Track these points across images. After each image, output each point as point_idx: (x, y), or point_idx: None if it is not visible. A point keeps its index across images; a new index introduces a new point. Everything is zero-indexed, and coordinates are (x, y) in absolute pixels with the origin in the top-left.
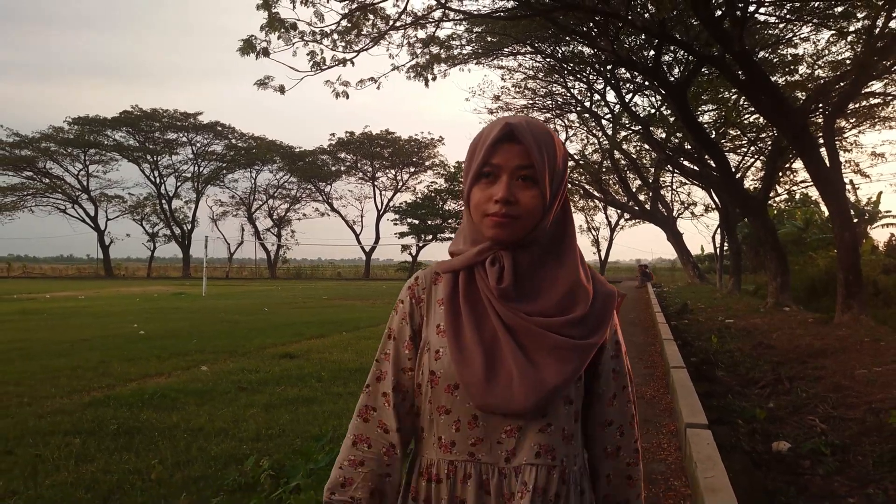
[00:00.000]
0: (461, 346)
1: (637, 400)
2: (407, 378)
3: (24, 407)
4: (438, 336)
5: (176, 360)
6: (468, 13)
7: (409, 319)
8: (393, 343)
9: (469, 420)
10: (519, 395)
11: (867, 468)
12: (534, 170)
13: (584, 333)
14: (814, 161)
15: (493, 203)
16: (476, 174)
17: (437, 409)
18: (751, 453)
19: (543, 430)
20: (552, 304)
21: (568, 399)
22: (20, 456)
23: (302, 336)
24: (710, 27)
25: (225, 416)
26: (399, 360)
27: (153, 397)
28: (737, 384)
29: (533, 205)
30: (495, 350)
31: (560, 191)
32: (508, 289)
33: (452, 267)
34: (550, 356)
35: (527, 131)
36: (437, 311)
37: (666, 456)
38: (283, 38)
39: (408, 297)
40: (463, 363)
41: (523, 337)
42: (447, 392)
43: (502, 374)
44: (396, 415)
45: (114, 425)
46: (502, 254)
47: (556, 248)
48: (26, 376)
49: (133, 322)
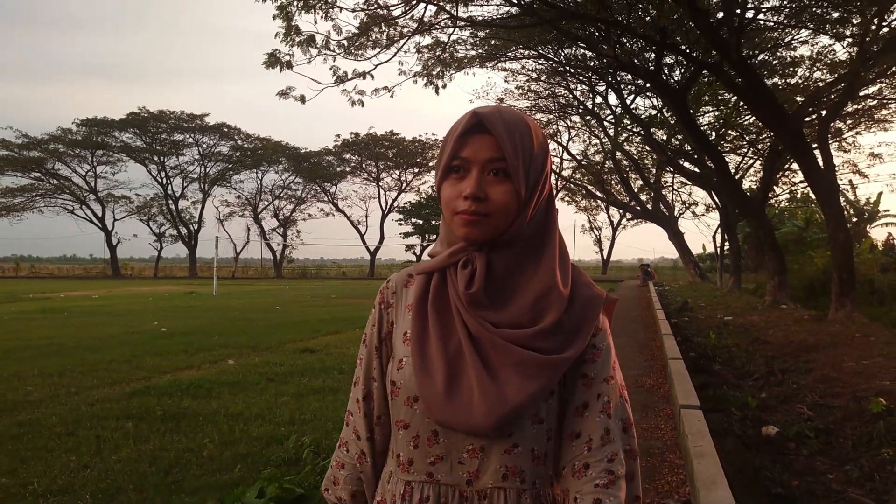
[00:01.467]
0: (424, 356)
1: (637, 389)
2: (376, 387)
3: (73, 396)
4: (404, 344)
5: (203, 355)
6: (476, 21)
7: (378, 326)
8: (365, 349)
9: (428, 436)
10: (479, 413)
11: (847, 449)
12: (505, 163)
13: (555, 346)
14: (809, 164)
15: (462, 200)
16: (445, 168)
17: (396, 423)
18: (742, 437)
19: (509, 451)
20: (523, 312)
21: (537, 417)
22: (82, 437)
23: (318, 332)
24: (708, 35)
25: (259, 404)
26: (369, 368)
27: (189, 387)
28: (732, 377)
29: (505, 201)
30: (459, 362)
31: (538, 185)
32: (478, 294)
33: (426, 269)
34: (515, 372)
35: (497, 120)
36: (406, 317)
37: (662, 434)
38: (302, 49)
39: (378, 302)
40: (424, 374)
41: (488, 350)
42: (406, 405)
43: (463, 389)
44: (367, 424)
45: (160, 411)
46: (476, 255)
47: (536, 249)
48: (67, 369)
49: (153, 320)
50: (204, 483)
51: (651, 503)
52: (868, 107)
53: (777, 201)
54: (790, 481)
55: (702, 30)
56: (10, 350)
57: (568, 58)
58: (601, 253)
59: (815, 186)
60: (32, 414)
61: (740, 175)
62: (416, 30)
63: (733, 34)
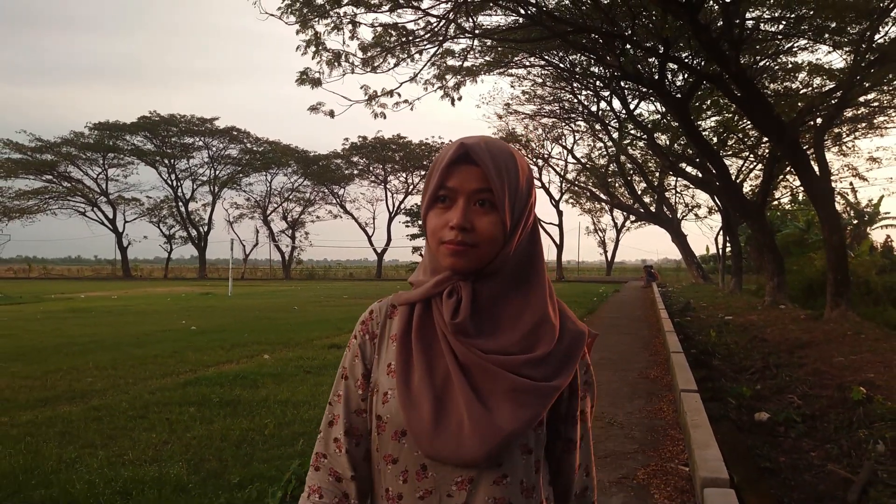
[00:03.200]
0: (409, 388)
1: (642, 379)
2: (360, 421)
3: (132, 386)
4: (389, 377)
5: (239, 350)
6: (486, 30)
7: (362, 356)
8: (345, 383)
9: (417, 470)
10: (469, 442)
11: (829, 432)
12: (491, 194)
13: (546, 374)
14: (805, 170)
15: (448, 229)
16: (432, 198)
17: (384, 458)
18: (737, 422)
19: (498, 482)
20: (514, 342)
21: (526, 448)
22: (153, 419)
23: (341, 330)
24: (709, 49)
25: (303, 392)
26: (351, 402)
27: (236, 379)
28: (730, 371)
29: (491, 232)
30: (446, 392)
31: (523, 216)
32: (464, 323)
33: (409, 299)
34: (506, 399)
35: (484, 152)
36: (390, 349)
37: (665, 416)
38: (329, 65)
39: (360, 332)
40: (410, 407)
41: (478, 377)
42: (394, 439)
43: (452, 419)
44: (350, 461)
45: (216, 399)
46: (462, 285)
47: (521, 279)
48: (118, 363)
49: (179, 319)
50: (273, 454)
51: (657, 466)
52: (865, 113)
53: (779, 203)
54: (778, 458)
55: (703, 43)
56: (59, 346)
57: (573, 63)
58: (605, 254)
59: (810, 192)
60: (102, 400)
61: (741, 179)
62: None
63: (733, 47)
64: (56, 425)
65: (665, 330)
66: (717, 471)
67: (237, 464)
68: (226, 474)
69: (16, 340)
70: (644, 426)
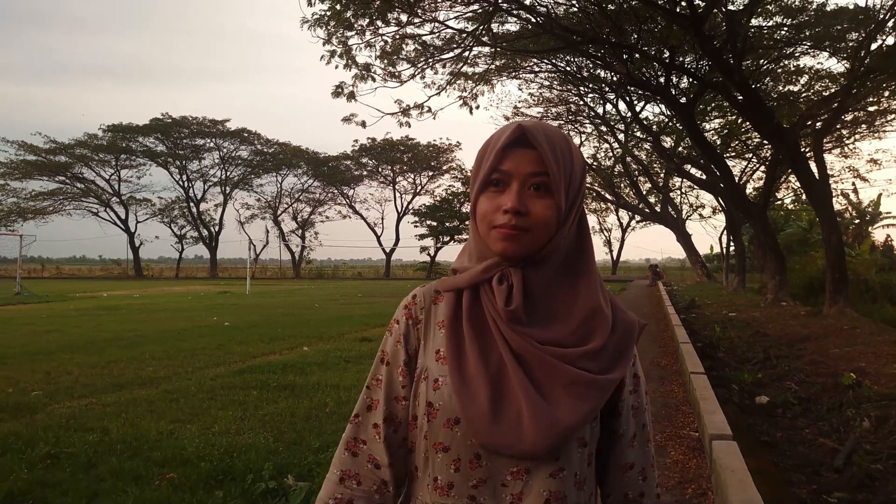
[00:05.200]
0: (464, 376)
1: (654, 367)
2: (400, 408)
3: (192, 374)
4: (438, 363)
5: (279, 343)
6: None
7: (405, 342)
8: (386, 368)
9: (471, 459)
10: (529, 434)
11: (822, 412)
12: (548, 178)
13: (602, 367)
14: (804, 173)
15: (501, 213)
16: (484, 182)
17: (433, 446)
18: (739, 404)
19: (555, 475)
20: (568, 332)
21: (582, 441)
22: (223, 401)
23: (368, 325)
24: (713, 59)
25: (349, 377)
26: (392, 388)
27: (284, 367)
28: (734, 362)
29: (546, 217)
30: (502, 381)
31: (577, 202)
32: (518, 311)
33: (456, 285)
34: (565, 392)
35: (541, 135)
36: (437, 335)
37: (676, 395)
38: (360, 79)
39: (404, 317)
40: (466, 395)
41: (535, 368)
42: (446, 427)
43: (510, 410)
44: (388, 449)
45: (273, 384)
46: (511, 271)
47: (573, 267)
48: (170, 355)
49: (209, 316)
50: (340, 426)
51: (672, 433)
52: (864, 117)
53: (782, 203)
54: (775, 434)
55: (707, 54)
56: (108, 340)
57: (579, 66)
58: (611, 254)
59: (810, 194)
60: (171, 385)
61: (744, 181)
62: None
63: (736, 57)
64: (141, 405)
65: (673, 324)
66: (723, 428)
67: (311, 433)
68: (305, 441)
69: (65, 336)
70: (658, 403)
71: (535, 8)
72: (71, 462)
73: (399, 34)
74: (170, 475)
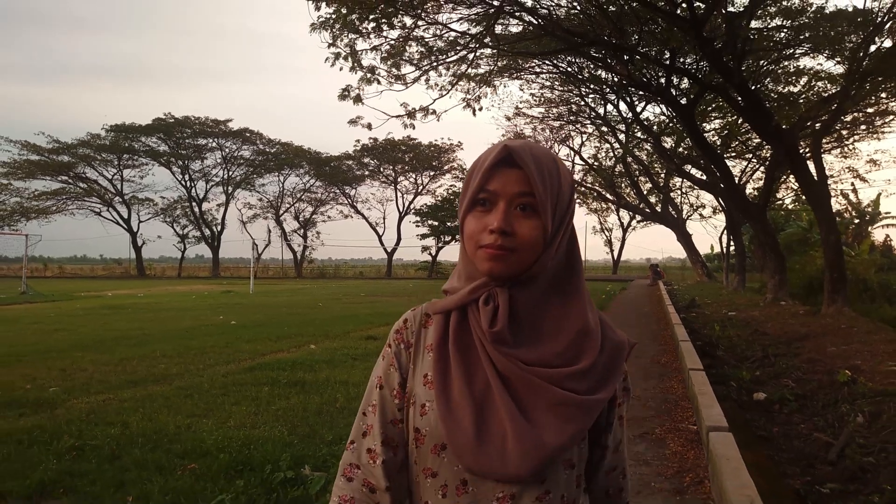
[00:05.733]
0: (449, 400)
1: (654, 364)
2: (397, 431)
3: (203, 371)
4: (426, 388)
5: (286, 342)
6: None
7: (398, 365)
8: (379, 392)
9: (457, 485)
10: (514, 457)
11: (817, 408)
12: (534, 198)
13: (590, 387)
14: (803, 174)
15: (487, 233)
16: (471, 201)
17: (422, 472)
18: (737, 401)
19: (541, 498)
20: (556, 353)
21: (570, 463)
22: (236, 397)
23: (372, 324)
24: (712, 61)
25: (357, 374)
26: (387, 412)
27: (293, 364)
28: (733, 360)
29: (532, 237)
30: (487, 404)
31: (564, 222)
32: (503, 332)
33: (444, 307)
34: (551, 413)
35: (527, 155)
36: (426, 359)
37: (675, 391)
38: (365, 82)
39: (395, 341)
40: (451, 420)
41: (520, 389)
42: (433, 453)
43: (495, 433)
44: (385, 472)
45: (283, 380)
46: (497, 291)
47: (561, 287)
48: (180, 352)
49: (215, 315)
50: (350, 421)
51: (671, 426)
52: (862, 118)
53: (782, 203)
54: (772, 429)
55: (707, 57)
56: (117, 338)
57: (580, 66)
58: (611, 253)
59: (809, 195)
60: (184, 382)
61: (744, 181)
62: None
63: (736, 60)
64: (156, 400)
65: (673, 323)
66: (719, 421)
67: (324, 427)
68: (318, 434)
69: (74, 334)
70: (658, 398)
71: (537, 10)
72: (95, 454)
73: (402, 37)
74: (191, 466)
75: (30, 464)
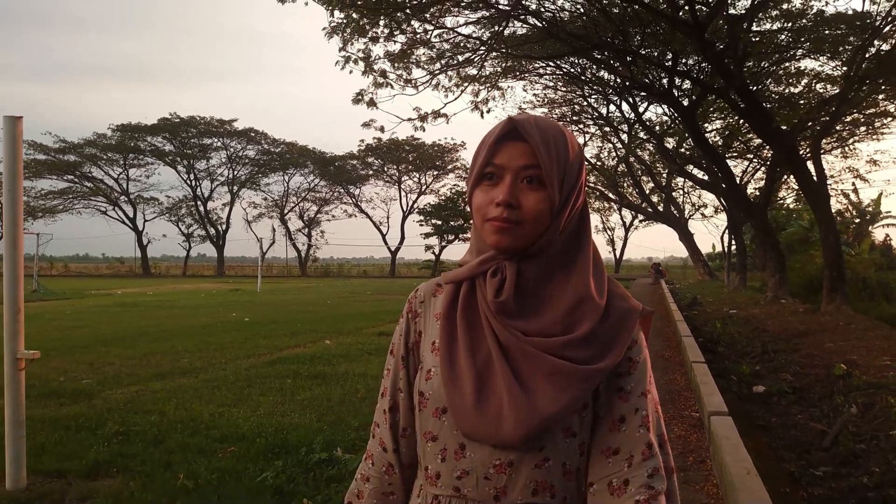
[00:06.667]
0: (453, 367)
1: (658, 358)
2: (402, 398)
3: (226, 364)
4: (433, 354)
5: (302, 337)
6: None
7: (405, 336)
8: (392, 359)
9: (455, 449)
10: (508, 424)
11: (814, 400)
12: (539, 171)
13: (589, 356)
14: (803, 175)
15: (494, 206)
16: (478, 175)
17: (423, 435)
18: (737, 393)
19: (540, 465)
20: (555, 322)
21: (570, 431)
22: (262, 388)
23: (383, 321)
24: (714, 64)
25: (374, 368)
26: (396, 379)
27: (312, 358)
28: (733, 356)
29: (538, 209)
30: (488, 372)
31: (573, 195)
32: (507, 303)
33: (455, 278)
34: (546, 382)
35: (533, 128)
36: (434, 326)
37: (678, 383)
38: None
39: (406, 311)
40: (452, 385)
41: (519, 359)
42: (434, 416)
43: (493, 401)
44: (392, 435)
45: (304, 373)
46: (506, 264)
47: (567, 260)
48: (200, 348)
49: (228, 312)
50: (373, 410)
51: (675, 413)
52: (862, 119)
53: (783, 203)
54: (770, 419)
55: (709, 60)
56: (136, 335)
57: (583, 67)
58: (614, 252)
59: (808, 195)
60: (209, 375)
61: (746, 181)
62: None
63: (737, 63)
64: (186, 392)
65: (676, 319)
66: (720, 407)
67: (349, 415)
68: (345, 421)
69: (95, 330)
70: (662, 389)
71: (542, 14)
72: (140, 438)
73: (411, 40)
74: (231, 448)
75: (81, 447)
